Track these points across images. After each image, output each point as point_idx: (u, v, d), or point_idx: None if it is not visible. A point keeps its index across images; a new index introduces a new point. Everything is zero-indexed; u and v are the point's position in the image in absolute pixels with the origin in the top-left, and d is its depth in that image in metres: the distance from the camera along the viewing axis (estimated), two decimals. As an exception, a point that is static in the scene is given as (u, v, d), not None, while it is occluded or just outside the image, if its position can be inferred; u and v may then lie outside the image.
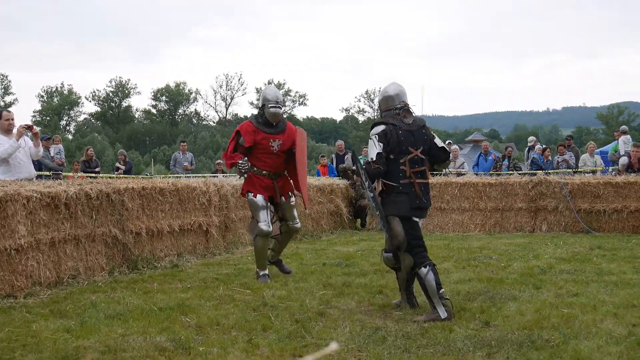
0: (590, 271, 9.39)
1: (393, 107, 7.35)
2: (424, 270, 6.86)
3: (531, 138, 23.93)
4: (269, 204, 9.32)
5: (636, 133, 78.34)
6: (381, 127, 7.15)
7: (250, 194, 9.21)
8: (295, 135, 9.29)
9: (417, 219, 7.13)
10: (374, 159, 7.02)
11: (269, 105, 9.13)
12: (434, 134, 7.49)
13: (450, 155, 7.65)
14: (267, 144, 9.15)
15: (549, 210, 15.71)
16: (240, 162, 8.96)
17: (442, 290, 6.82)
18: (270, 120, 9.15)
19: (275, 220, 9.61)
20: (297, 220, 9.61)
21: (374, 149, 7.06)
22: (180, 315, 6.93)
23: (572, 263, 10.22)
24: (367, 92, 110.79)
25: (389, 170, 7.06)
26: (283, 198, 9.41)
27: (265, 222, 9.18)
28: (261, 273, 9.23)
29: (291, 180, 9.53)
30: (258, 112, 9.36)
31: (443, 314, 6.64)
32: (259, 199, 9.17)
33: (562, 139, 23.83)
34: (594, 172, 18.85)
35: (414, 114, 7.38)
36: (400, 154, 7.08)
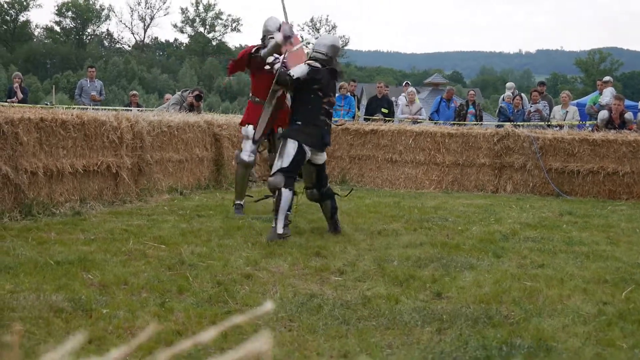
0: (558, 240, 9.55)
1: (326, 54, 9.68)
2: (287, 191, 9.03)
3: (510, 84, 23.35)
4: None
5: (619, 84, 79.76)
6: (318, 66, 9.46)
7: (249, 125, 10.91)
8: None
9: (309, 151, 9.31)
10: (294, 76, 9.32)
11: (270, 37, 10.43)
12: None
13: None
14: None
15: (515, 169, 15.91)
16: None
17: (290, 214, 9.37)
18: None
19: (264, 149, 11.84)
20: None
21: (302, 71, 9.32)
22: (81, 271, 6.87)
23: (539, 230, 10.39)
24: (312, 20, 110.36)
25: (314, 105, 9.38)
26: (278, 129, 10.86)
27: (247, 152, 10.99)
28: (236, 202, 11.23)
29: None
30: (262, 44, 10.78)
31: (280, 230, 8.87)
32: (249, 129, 10.91)
33: (535, 86, 23.37)
34: (560, 126, 18.64)
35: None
36: (325, 96, 9.42)
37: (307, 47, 10.74)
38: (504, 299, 6.40)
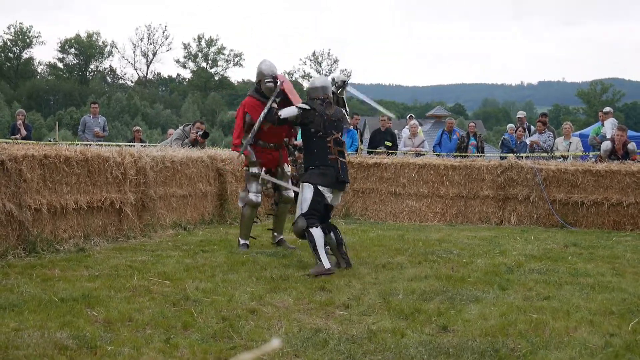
0: (564, 272, 9.53)
1: (317, 97, 10.01)
2: (314, 229, 9.29)
3: (521, 113, 23.49)
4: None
5: (621, 115, 79.87)
6: (307, 107, 9.91)
7: (253, 168, 11.22)
8: (283, 86, 10.99)
9: (327, 192, 9.67)
10: (282, 116, 10.18)
11: (266, 81, 10.98)
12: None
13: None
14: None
15: (519, 200, 15.89)
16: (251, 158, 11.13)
17: (328, 247, 9.49)
18: (268, 95, 10.94)
19: (270, 189, 12.05)
20: (290, 189, 11.71)
21: (292, 113, 10.08)
22: (86, 308, 6.86)
23: (544, 261, 10.37)
24: (314, 54, 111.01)
25: (319, 147, 9.71)
26: (279, 168, 11.55)
27: (255, 193, 11.33)
28: (242, 242, 11.26)
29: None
30: (255, 87, 11.28)
31: (328, 265, 9.03)
32: (262, 170, 11.28)
33: (537, 117, 23.40)
34: (564, 157, 18.66)
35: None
36: (326, 135, 9.71)
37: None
38: (510, 331, 6.39)
